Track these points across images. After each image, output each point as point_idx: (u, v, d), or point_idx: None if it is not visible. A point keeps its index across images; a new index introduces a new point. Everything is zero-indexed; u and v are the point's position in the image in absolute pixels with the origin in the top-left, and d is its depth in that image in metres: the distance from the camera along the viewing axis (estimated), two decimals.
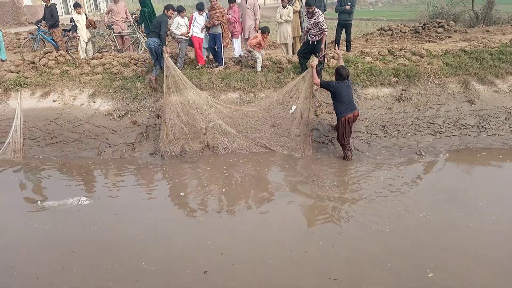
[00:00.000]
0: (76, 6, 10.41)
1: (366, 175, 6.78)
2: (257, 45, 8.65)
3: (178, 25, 8.65)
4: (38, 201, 6.30)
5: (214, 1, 8.60)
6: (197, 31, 8.72)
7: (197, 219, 5.77)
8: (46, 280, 4.57)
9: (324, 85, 7.27)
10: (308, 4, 7.80)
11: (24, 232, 5.56)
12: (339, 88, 7.03)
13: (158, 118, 8.21)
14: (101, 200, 6.37)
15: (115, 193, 6.62)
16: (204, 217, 5.79)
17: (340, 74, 7.06)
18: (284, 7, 9.32)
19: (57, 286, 4.48)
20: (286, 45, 9.81)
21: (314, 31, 7.91)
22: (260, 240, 5.15)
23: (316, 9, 7.85)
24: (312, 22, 7.88)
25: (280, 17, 9.41)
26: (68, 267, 4.77)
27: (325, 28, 7.81)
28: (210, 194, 6.41)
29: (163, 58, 8.04)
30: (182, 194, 6.42)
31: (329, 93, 7.39)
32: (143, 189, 6.70)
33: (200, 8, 8.66)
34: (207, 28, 8.82)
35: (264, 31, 8.58)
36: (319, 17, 7.76)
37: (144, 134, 8.10)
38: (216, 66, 9.05)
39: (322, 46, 7.89)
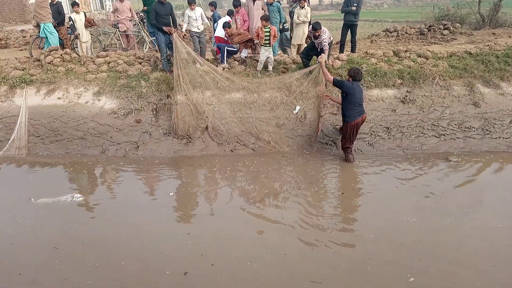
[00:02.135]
0: (74, 4, 10.29)
1: (357, 179, 6.76)
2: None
3: (189, 18, 8.68)
4: (32, 198, 6.30)
5: (229, 33, 8.67)
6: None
7: (180, 219, 5.73)
8: (28, 277, 4.59)
9: (337, 83, 7.08)
10: (314, 29, 7.77)
11: (10, 228, 5.57)
12: (352, 89, 6.86)
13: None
14: (92, 198, 6.38)
15: (107, 192, 6.64)
16: (187, 217, 5.77)
17: (357, 74, 6.93)
18: (302, 7, 9.19)
19: (39, 283, 4.49)
20: (299, 46, 9.76)
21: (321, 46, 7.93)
22: (241, 241, 5.12)
23: (323, 30, 7.76)
24: (321, 41, 7.84)
25: (298, 18, 9.34)
26: (50, 264, 4.79)
27: (325, 46, 7.75)
28: (198, 195, 6.39)
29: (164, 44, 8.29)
30: (171, 194, 6.40)
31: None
32: (135, 188, 6.69)
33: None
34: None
35: (263, 18, 8.45)
36: (322, 36, 7.72)
37: (148, 132, 8.13)
38: (219, 63, 9.07)
39: (326, 59, 7.81)
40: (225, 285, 4.37)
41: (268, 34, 8.35)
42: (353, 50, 10.08)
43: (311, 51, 8.24)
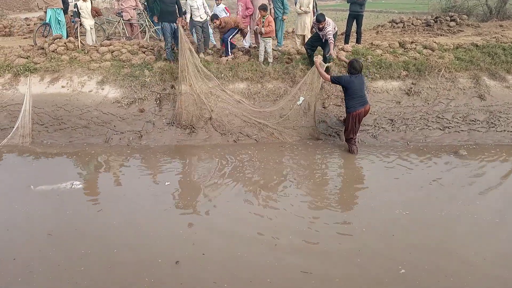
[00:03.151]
0: None
1: (355, 171, 6.76)
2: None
3: (190, 7, 8.62)
4: (31, 185, 6.33)
5: (219, 23, 8.53)
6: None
7: (173, 208, 5.72)
8: (23, 262, 4.62)
9: (335, 80, 7.15)
10: (318, 21, 7.67)
11: (6, 214, 5.60)
12: (350, 82, 6.92)
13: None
14: (90, 186, 6.40)
15: (106, 180, 6.66)
16: (180, 206, 5.77)
17: (354, 67, 6.95)
18: None
19: (32, 268, 4.51)
20: (303, 36, 9.68)
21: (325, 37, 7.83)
22: (231, 231, 5.12)
23: (327, 21, 7.65)
24: (325, 32, 7.74)
25: (300, 8, 9.23)
26: (45, 250, 4.82)
27: (330, 38, 7.64)
28: (193, 184, 6.37)
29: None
30: (167, 183, 6.38)
31: (339, 86, 7.32)
32: (133, 177, 6.69)
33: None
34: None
35: (260, 8, 8.37)
36: (327, 28, 7.61)
37: (152, 122, 8.13)
38: (225, 56, 9.03)
39: (332, 51, 7.74)
40: (215, 274, 4.38)
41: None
42: (358, 41, 9.97)
43: (316, 41, 8.17)
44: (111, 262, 4.61)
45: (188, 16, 8.94)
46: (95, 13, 10.33)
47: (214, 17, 8.66)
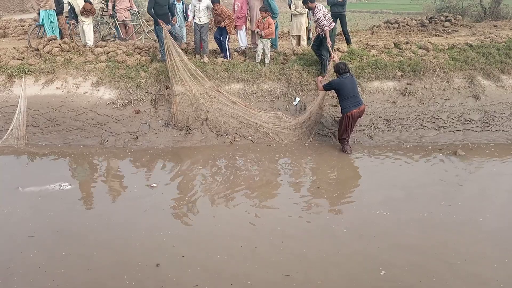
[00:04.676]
0: None
1: (344, 171, 6.76)
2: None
3: (193, 8, 8.59)
4: (20, 187, 6.31)
5: (217, 9, 8.49)
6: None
7: (154, 210, 5.68)
8: (3, 264, 4.60)
9: (328, 87, 7.27)
10: (304, 2, 7.82)
11: None
12: (340, 84, 7.02)
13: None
14: (78, 187, 6.38)
15: (95, 181, 6.63)
16: (161, 208, 5.71)
17: (340, 68, 7.10)
18: None
19: (13, 270, 4.50)
20: (299, 37, 9.67)
21: (320, 27, 7.89)
22: (211, 233, 5.10)
23: (317, 5, 7.76)
24: (316, 18, 7.84)
25: (295, 9, 9.23)
26: (26, 251, 4.81)
27: (324, 25, 7.71)
28: (178, 186, 6.32)
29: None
30: (154, 185, 6.37)
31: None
32: (121, 179, 6.69)
33: None
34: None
35: (261, 9, 8.35)
36: (317, 14, 7.73)
37: (147, 123, 8.11)
38: (222, 57, 9.00)
39: (328, 41, 7.80)
40: (196, 277, 4.35)
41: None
42: (348, 41, 9.89)
43: (318, 40, 8.18)
44: (91, 264, 4.59)
45: (191, 15, 8.88)
46: (84, 10, 9.69)
47: (216, 0, 8.60)
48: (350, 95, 6.98)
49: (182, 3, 9.81)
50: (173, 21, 8.58)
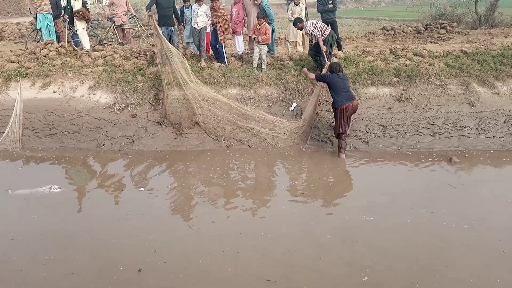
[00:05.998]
0: None
1: (325, 176, 6.76)
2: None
3: (193, 12, 8.61)
4: (9, 190, 6.31)
5: (215, 5, 8.52)
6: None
7: (137, 214, 5.66)
8: None
9: (319, 78, 7.52)
10: (295, 24, 8.32)
11: None
12: (333, 78, 7.26)
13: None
14: (67, 190, 6.40)
15: (86, 184, 6.66)
16: (144, 213, 5.70)
17: (333, 67, 7.43)
18: (296, 4, 9.19)
19: None
20: (295, 42, 9.72)
21: (315, 39, 8.10)
22: (193, 238, 5.10)
23: (305, 23, 8.13)
24: (307, 33, 8.20)
25: (292, 15, 9.30)
26: (9, 254, 4.81)
27: (316, 34, 7.89)
28: (164, 191, 6.31)
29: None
30: (141, 189, 6.37)
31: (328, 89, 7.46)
32: (111, 182, 6.69)
33: None
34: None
35: (258, 16, 8.40)
36: (307, 29, 8.05)
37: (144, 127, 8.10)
38: (219, 62, 9.01)
39: (322, 47, 7.88)
40: (177, 282, 4.34)
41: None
42: (339, 48, 9.83)
43: (315, 47, 8.27)
44: (73, 268, 4.59)
45: (192, 19, 8.89)
46: (76, 13, 9.61)
47: None
48: (342, 89, 7.20)
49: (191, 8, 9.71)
50: (179, 29, 8.75)
